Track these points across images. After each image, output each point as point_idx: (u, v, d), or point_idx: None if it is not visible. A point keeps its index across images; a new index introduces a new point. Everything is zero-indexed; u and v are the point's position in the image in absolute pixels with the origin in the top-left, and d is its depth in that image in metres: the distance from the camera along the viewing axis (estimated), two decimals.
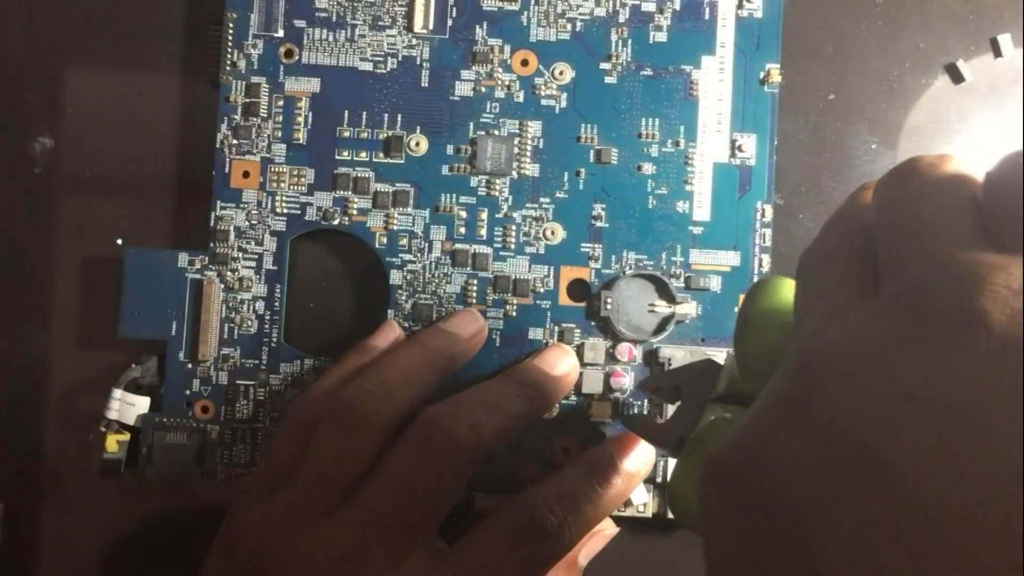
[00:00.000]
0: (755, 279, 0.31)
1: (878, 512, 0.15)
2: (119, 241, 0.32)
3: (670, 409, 0.28)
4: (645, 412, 0.30)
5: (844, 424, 0.15)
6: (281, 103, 0.31)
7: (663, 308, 0.30)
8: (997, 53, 0.33)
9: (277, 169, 0.31)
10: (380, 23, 0.31)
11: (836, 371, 0.16)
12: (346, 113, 0.31)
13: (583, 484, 0.28)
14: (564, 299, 0.31)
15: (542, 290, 0.31)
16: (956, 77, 0.33)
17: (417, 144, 0.31)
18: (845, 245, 0.18)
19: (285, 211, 0.31)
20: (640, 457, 0.29)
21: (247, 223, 0.31)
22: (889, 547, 0.14)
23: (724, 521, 0.18)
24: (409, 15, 0.31)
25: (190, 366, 0.31)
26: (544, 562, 0.26)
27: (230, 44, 0.31)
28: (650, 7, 0.31)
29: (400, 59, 0.31)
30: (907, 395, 0.15)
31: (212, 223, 0.31)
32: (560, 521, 0.26)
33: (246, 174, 0.31)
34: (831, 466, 0.15)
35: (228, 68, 0.31)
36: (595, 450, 0.29)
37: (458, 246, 0.31)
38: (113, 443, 0.30)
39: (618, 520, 0.30)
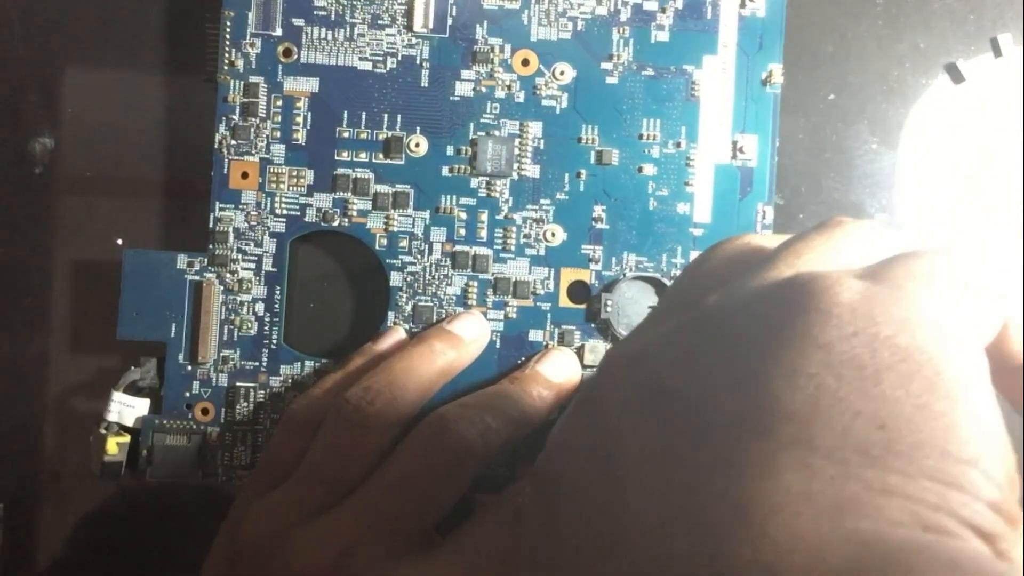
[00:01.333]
0: None
1: (605, 524, 0.15)
2: (119, 241, 0.32)
3: None
4: None
5: (605, 415, 0.16)
6: (280, 103, 0.31)
7: None
8: (997, 53, 0.33)
9: (276, 170, 0.31)
10: (379, 22, 0.31)
11: (615, 367, 0.17)
12: (345, 113, 0.31)
13: None
14: (564, 301, 0.31)
15: (542, 292, 0.31)
16: (956, 77, 0.33)
17: (417, 145, 0.31)
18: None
19: (284, 212, 0.31)
20: None
21: (246, 224, 0.31)
22: (613, 559, 0.15)
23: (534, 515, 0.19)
24: (409, 14, 0.31)
25: (190, 368, 0.31)
26: None
27: (228, 43, 0.31)
28: (652, 6, 0.31)
29: (400, 59, 0.31)
30: (661, 388, 0.16)
31: (211, 224, 0.31)
32: None
33: (245, 175, 0.31)
34: (589, 456, 0.16)
35: (226, 67, 0.31)
36: None
37: (458, 248, 0.31)
38: (113, 445, 0.30)
39: None
